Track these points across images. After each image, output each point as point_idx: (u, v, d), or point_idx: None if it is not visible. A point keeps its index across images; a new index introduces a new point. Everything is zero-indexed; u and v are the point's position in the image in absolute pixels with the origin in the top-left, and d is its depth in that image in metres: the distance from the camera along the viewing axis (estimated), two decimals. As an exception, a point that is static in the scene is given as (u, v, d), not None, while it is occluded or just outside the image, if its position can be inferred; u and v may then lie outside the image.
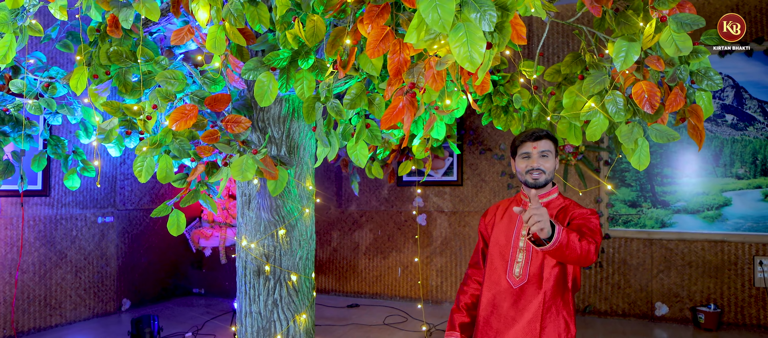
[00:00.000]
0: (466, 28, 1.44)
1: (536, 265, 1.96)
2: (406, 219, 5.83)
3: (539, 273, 1.96)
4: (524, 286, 1.96)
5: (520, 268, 1.98)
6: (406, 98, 1.76)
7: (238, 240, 2.93)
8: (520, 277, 1.98)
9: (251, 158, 2.16)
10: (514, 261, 2.00)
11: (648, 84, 2.13)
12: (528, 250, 1.99)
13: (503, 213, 2.13)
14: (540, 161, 2.05)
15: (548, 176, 2.07)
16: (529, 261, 1.98)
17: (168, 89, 2.21)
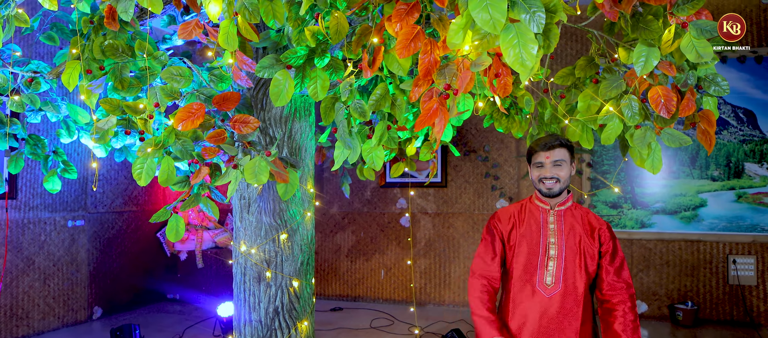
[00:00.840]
0: (516, 29, 1.40)
1: (570, 272, 1.95)
2: (389, 221, 5.78)
3: (573, 281, 1.94)
4: (558, 295, 1.94)
5: (551, 276, 1.95)
6: (439, 100, 1.70)
7: (235, 245, 2.80)
8: (552, 286, 1.95)
9: (264, 160, 2.05)
10: (544, 270, 1.97)
11: (664, 89, 2.14)
12: (559, 257, 1.97)
13: (522, 220, 2.07)
14: (553, 170, 2.03)
15: (563, 185, 2.04)
16: (560, 268, 1.95)
17: (173, 86, 2.08)
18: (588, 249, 1.97)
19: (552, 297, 1.94)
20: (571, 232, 2.00)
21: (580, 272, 1.95)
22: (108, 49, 2.21)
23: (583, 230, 2.01)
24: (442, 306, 5.57)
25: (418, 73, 1.83)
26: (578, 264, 1.96)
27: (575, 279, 1.94)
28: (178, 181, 2.29)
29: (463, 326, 4.80)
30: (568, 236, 1.98)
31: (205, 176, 2.20)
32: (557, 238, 1.98)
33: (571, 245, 1.97)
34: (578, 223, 2.03)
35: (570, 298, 1.94)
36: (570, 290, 1.94)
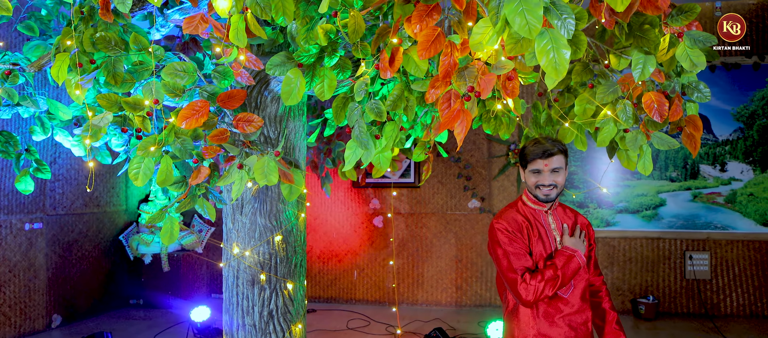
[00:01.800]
0: (550, 34, 1.43)
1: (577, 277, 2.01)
2: (362, 221, 5.77)
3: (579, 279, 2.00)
4: (571, 295, 1.98)
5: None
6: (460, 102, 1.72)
7: (225, 248, 2.72)
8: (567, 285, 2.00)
9: (273, 160, 2.00)
10: None
11: (657, 95, 2.24)
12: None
13: (528, 223, 2.05)
14: (551, 176, 2.02)
15: (559, 191, 2.06)
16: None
17: (176, 82, 1.99)
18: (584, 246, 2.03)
19: (569, 296, 1.99)
20: (570, 230, 2.06)
21: (584, 274, 2.03)
22: (99, 41, 2.09)
23: (576, 227, 2.08)
24: (416, 305, 5.61)
25: (435, 75, 1.84)
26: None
27: (581, 275, 2.01)
28: (175, 181, 2.20)
29: (438, 325, 4.85)
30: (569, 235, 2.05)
31: (205, 177, 2.12)
32: (561, 238, 2.03)
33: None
34: (569, 219, 2.10)
35: (581, 296, 2.00)
36: (579, 288, 2.00)
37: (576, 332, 1.98)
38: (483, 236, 5.52)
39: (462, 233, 5.57)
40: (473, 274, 5.54)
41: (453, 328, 4.71)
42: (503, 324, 2.17)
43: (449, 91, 1.81)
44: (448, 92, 1.81)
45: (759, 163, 5.01)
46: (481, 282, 5.52)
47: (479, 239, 5.52)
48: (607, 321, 2.09)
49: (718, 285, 5.04)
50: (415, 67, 1.83)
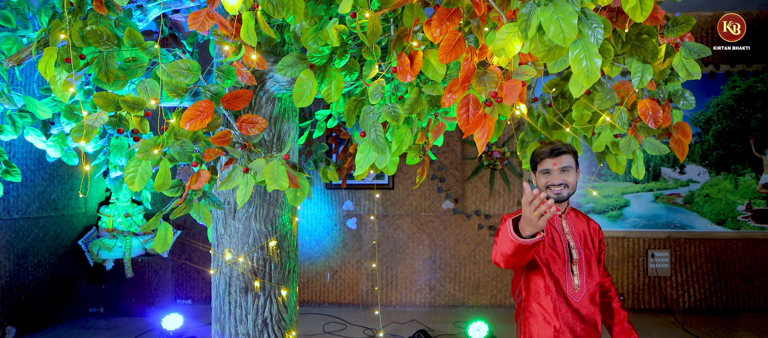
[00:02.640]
0: (582, 43, 1.45)
1: (590, 274, 2.05)
2: (335, 223, 5.70)
3: (593, 282, 2.05)
4: (584, 298, 2.02)
5: (578, 279, 2.03)
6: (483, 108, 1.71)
7: (216, 254, 2.61)
8: (579, 288, 2.03)
9: (282, 164, 1.93)
10: (570, 274, 2.04)
11: (651, 102, 2.32)
12: (581, 261, 2.05)
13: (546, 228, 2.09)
14: (561, 176, 2.07)
15: (570, 191, 2.10)
16: (583, 272, 2.04)
17: (179, 81, 1.89)
18: (594, 249, 2.10)
19: (580, 301, 2.02)
20: (582, 234, 2.10)
21: (595, 271, 2.07)
22: (90, 35, 1.95)
23: (588, 231, 2.13)
24: (390, 307, 5.60)
25: (452, 79, 1.83)
26: (593, 264, 2.08)
27: (593, 279, 2.06)
28: (172, 185, 2.09)
29: (414, 326, 4.86)
30: (581, 239, 2.08)
31: (206, 181, 2.02)
32: (575, 242, 2.07)
33: (588, 247, 2.08)
34: (582, 224, 2.14)
35: (592, 297, 2.04)
36: (591, 291, 2.04)
37: (587, 334, 2.02)
38: (456, 236, 5.58)
39: (436, 234, 5.61)
40: (447, 275, 5.59)
41: (430, 329, 4.72)
42: (516, 326, 2.20)
43: (467, 96, 1.80)
44: (466, 97, 1.80)
45: (714, 166, 5.32)
46: (454, 282, 5.58)
47: (453, 239, 5.58)
48: (618, 319, 2.14)
49: (678, 281, 5.31)
50: (433, 71, 1.81)
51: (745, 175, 5.30)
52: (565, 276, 2.03)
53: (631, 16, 1.67)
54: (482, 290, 5.55)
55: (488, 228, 5.55)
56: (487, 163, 5.49)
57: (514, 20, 1.74)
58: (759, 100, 5.29)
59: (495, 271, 5.54)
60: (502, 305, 5.52)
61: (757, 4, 5.17)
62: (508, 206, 5.54)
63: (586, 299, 2.03)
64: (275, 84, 2.47)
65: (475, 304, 5.55)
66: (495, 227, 5.54)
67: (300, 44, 2.25)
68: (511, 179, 5.54)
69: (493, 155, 5.46)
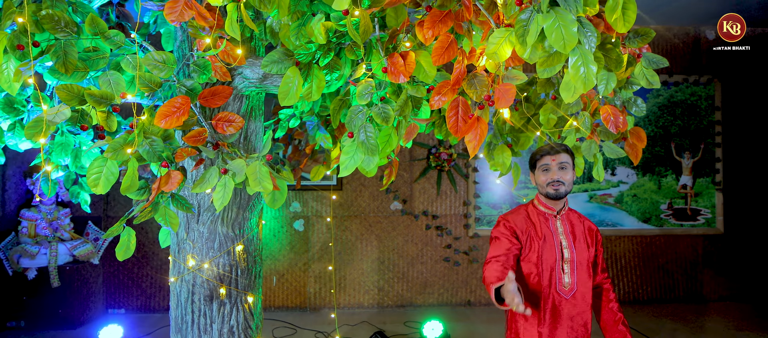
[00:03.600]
0: (581, 51, 1.50)
1: (582, 272, 2.13)
2: (282, 225, 5.55)
3: (585, 280, 2.13)
4: (574, 295, 2.10)
5: (568, 277, 2.11)
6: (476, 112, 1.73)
7: (177, 260, 2.45)
8: (569, 286, 2.11)
9: (265, 165, 1.84)
10: (561, 272, 2.12)
11: (613, 108, 2.45)
12: (572, 261, 2.13)
13: (536, 227, 2.16)
14: (559, 173, 2.17)
15: (568, 188, 2.20)
16: (574, 270, 2.12)
17: (152, 75, 1.74)
18: (590, 249, 2.18)
19: (570, 299, 2.09)
20: (577, 235, 2.18)
21: (589, 271, 2.16)
22: (45, 20, 1.76)
23: (584, 232, 2.21)
24: (339, 309, 5.54)
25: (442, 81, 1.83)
26: (587, 264, 2.16)
27: (586, 277, 2.14)
28: (138, 187, 1.93)
29: (366, 327, 4.85)
30: (575, 239, 2.16)
31: (179, 183, 1.89)
32: (568, 242, 2.14)
33: (581, 248, 2.16)
34: (579, 226, 2.22)
35: (584, 297, 2.12)
36: (582, 289, 2.13)
37: (576, 333, 2.10)
38: (404, 237, 5.62)
39: (384, 235, 5.62)
40: (395, 275, 5.62)
41: (383, 330, 4.72)
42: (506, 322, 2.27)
43: (457, 99, 1.82)
44: (455, 100, 1.82)
45: (641, 168, 5.75)
46: (402, 282, 5.62)
47: (401, 240, 5.61)
48: (614, 320, 2.20)
49: (609, 275, 5.68)
50: (424, 73, 1.81)
51: (667, 176, 5.77)
52: (555, 275, 2.10)
53: (615, 27, 1.75)
54: (429, 289, 5.64)
55: (436, 228, 5.64)
56: (435, 164, 5.58)
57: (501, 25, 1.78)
58: (678, 108, 5.78)
59: (442, 271, 5.65)
60: (449, 303, 5.63)
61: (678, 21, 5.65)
62: (454, 206, 5.66)
63: (577, 297, 2.11)
64: (244, 81, 2.36)
65: (423, 303, 5.62)
66: (442, 227, 5.64)
67: (277, 40, 2.16)
68: (457, 180, 5.66)
69: (441, 156, 5.56)
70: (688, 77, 5.78)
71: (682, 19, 5.56)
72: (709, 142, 5.78)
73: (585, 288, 2.15)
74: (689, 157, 5.77)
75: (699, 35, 5.81)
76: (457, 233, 5.66)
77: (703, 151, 5.78)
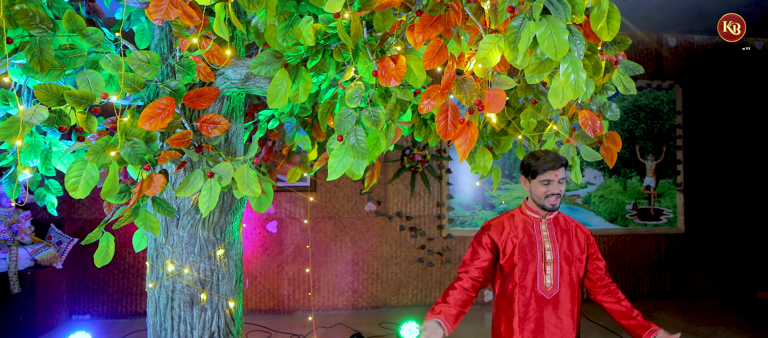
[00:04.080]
0: (571, 58, 1.54)
1: (565, 274, 2.17)
2: (254, 227, 5.47)
3: (569, 281, 2.17)
4: (557, 295, 2.15)
5: (550, 278, 2.15)
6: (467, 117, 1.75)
7: (155, 266, 2.37)
8: (552, 287, 2.16)
9: (253, 168, 1.81)
10: (543, 273, 2.17)
11: (590, 112, 2.52)
12: (555, 262, 2.18)
13: (517, 231, 2.22)
14: (559, 186, 2.22)
15: (561, 199, 2.28)
16: (557, 271, 2.17)
17: (136, 75, 1.69)
18: (577, 253, 2.23)
19: (552, 298, 2.14)
20: (563, 238, 2.24)
21: (572, 273, 2.20)
22: (19, 16, 1.69)
23: (571, 234, 2.26)
24: (312, 311, 5.49)
25: (431, 85, 1.84)
26: (570, 266, 2.21)
27: (570, 279, 2.19)
28: (118, 191, 1.87)
29: (342, 329, 4.83)
30: (560, 242, 2.22)
31: (162, 186, 1.84)
32: (551, 244, 2.19)
33: (564, 250, 2.21)
34: (567, 230, 2.27)
35: (566, 297, 2.17)
36: (565, 289, 2.17)
37: (563, 331, 2.15)
38: (378, 238, 5.63)
39: (358, 236, 5.61)
40: (369, 276, 5.61)
41: (359, 332, 4.71)
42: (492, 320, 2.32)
43: (446, 103, 1.83)
44: (444, 104, 1.83)
45: (607, 170, 5.93)
46: (377, 283, 5.62)
47: (375, 241, 5.62)
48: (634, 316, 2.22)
49: (578, 274, 5.84)
50: (414, 77, 1.81)
51: (632, 178, 5.97)
52: (536, 275, 2.15)
53: (600, 35, 1.80)
54: (403, 290, 5.66)
55: (410, 229, 5.67)
56: (409, 166, 5.61)
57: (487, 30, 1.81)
58: (642, 112, 5.99)
59: (416, 271, 5.68)
60: (423, 304, 5.67)
61: (641, 28, 5.86)
62: (428, 207, 5.70)
63: (560, 299, 2.16)
64: (225, 81, 2.31)
65: (397, 304, 5.64)
66: (416, 228, 5.67)
67: (261, 40, 2.13)
68: (431, 182, 5.71)
69: (415, 157, 5.59)
70: (651, 82, 6.00)
71: (645, 26, 5.77)
72: (671, 144, 6.02)
73: (568, 290, 2.19)
74: (652, 159, 5.99)
75: (661, 42, 6.04)
76: (430, 233, 5.70)
77: (665, 153, 6.01)
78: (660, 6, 5.18)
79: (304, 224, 5.51)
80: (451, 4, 1.78)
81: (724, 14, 5.41)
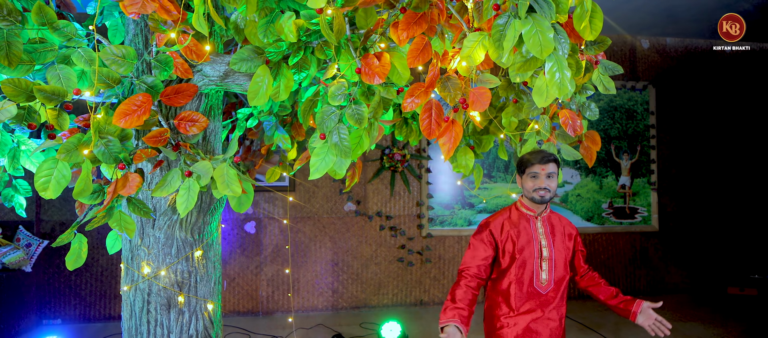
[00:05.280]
0: (556, 57, 1.54)
1: (560, 270, 2.23)
2: (231, 227, 5.38)
3: (562, 277, 2.23)
4: (551, 291, 2.19)
5: (546, 274, 2.20)
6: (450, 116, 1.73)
7: (130, 268, 2.30)
8: (547, 283, 2.20)
9: (233, 167, 1.77)
10: (539, 270, 2.21)
11: (570, 112, 2.54)
12: (550, 259, 2.22)
13: (516, 228, 2.27)
14: (547, 181, 2.27)
15: (552, 194, 2.30)
16: (552, 268, 2.21)
17: (111, 71, 1.63)
18: (568, 249, 2.29)
19: (547, 293, 2.19)
20: (557, 235, 2.28)
21: (566, 269, 2.27)
22: (-15, 9, 1.61)
23: (563, 233, 2.31)
24: (291, 312, 5.43)
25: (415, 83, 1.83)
26: (564, 262, 2.27)
27: (563, 275, 2.24)
28: (92, 191, 1.80)
29: (322, 330, 4.78)
30: (555, 239, 2.26)
31: (138, 186, 1.78)
32: (547, 241, 2.24)
33: (559, 247, 2.27)
34: (559, 227, 2.32)
35: (560, 292, 2.23)
36: (559, 286, 2.23)
37: (553, 324, 2.19)
38: (358, 238, 5.59)
39: (338, 236, 5.57)
40: (349, 276, 5.58)
41: (340, 333, 4.68)
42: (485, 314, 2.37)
43: (430, 101, 1.82)
44: (428, 102, 1.82)
45: (584, 169, 6.02)
46: (357, 283, 5.59)
47: (355, 241, 5.58)
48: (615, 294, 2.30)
49: (556, 272, 5.91)
50: (397, 75, 1.79)
51: (608, 177, 6.07)
52: (533, 271, 2.19)
53: (582, 34, 1.81)
54: (384, 290, 5.64)
55: (389, 229, 5.65)
56: (389, 165, 5.59)
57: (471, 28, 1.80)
58: (617, 112, 6.10)
59: (396, 271, 5.66)
60: (403, 303, 5.66)
61: (626, 30, 5.96)
62: (408, 207, 5.70)
63: (553, 293, 2.21)
64: (204, 78, 2.26)
65: (378, 304, 5.62)
66: (396, 227, 5.66)
67: (241, 36, 2.08)
68: (410, 181, 5.70)
69: (394, 157, 5.58)
70: (625, 83, 6.11)
71: (620, 28, 5.88)
72: (644, 144, 6.15)
73: (561, 285, 2.25)
74: (627, 158, 6.10)
75: (635, 44, 6.16)
76: (410, 233, 5.70)
77: (639, 152, 6.13)
78: (634, 8, 5.28)
79: (283, 224, 5.45)
80: (435, 2, 1.77)
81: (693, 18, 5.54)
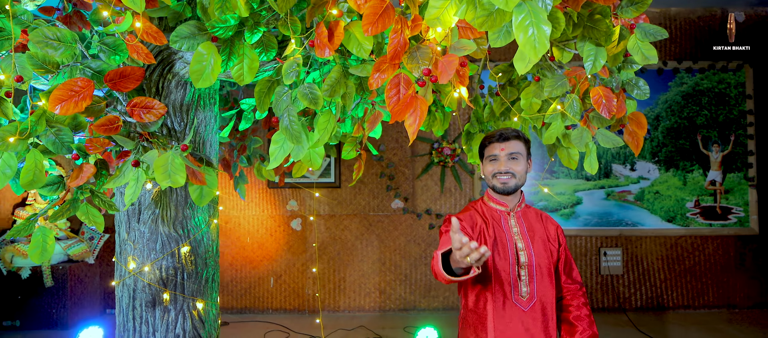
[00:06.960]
0: (529, 7, 1.21)
1: (542, 280, 1.82)
2: (279, 225, 5.36)
3: (546, 289, 1.82)
4: (534, 306, 1.79)
5: (526, 287, 1.80)
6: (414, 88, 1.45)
7: (119, 263, 2.25)
8: (528, 296, 1.81)
9: (179, 156, 1.61)
10: (517, 280, 1.81)
11: (605, 90, 2.13)
12: (530, 265, 1.82)
13: (487, 225, 1.87)
14: (509, 163, 1.88)
15: (519, 181, 1.90)
16: (533, 277, 1.81)
17: (46, 53, 1.54)
18: (551, 252, 1.88)
19: (528, 310, 1.79)
20: (535, 235, 1.88)
21: (550, 278, 1.85)
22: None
23: (543, 231, 1.91)
24: (338, 312, 5.31)
25: (382, 56, 1.56)
26: (547, 269, 1.85)
27: (547, 285, 1.83)
28: (47, 182, 1.73)
29: (362, 332, 4.60)
30: (533, 240, 1.86)
31: (90, 177, 1.68)
32: (524, 243, 1.84)
33: (539, 250, 1.86)
34: (538, 224, 1.92)
35: (545, 308, 1.81)
36: (543, 299, 1.81)
37: None
38: (406, 237, 5.35)
39: (385, 234, 5.36)
40: (397, 277, 5.35)
41: (379, 336, 4.47)
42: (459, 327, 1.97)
43: (398, 75, 1.55)
44: (396, 77, 1.55)
45: (664, 163, 5.30)
46: (405, 285, 5.34)
47: (403, 240, 5.34)
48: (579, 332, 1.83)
49: (629, 279, 5.26)
50: (357, 45, 1.54)
51: (693, 172, 5.30)
52: (510, 282, 1.79)
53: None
54: (434, 292, 5.34)
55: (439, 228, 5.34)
56: (438, 160, 5.28)
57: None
58: (705, 97, 5.30)
59: (447, 272, 5.34)
60: (455, 308, 5.32)
61: (703, 2, 5.18)
62: (460, 204, 5.35)
63: (537, 309, 1.80)
64: (185, 66, 2.14)
65: (427, 307, 5.33)
66: (447, 226, 5.34)
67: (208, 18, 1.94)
68: (462, 177, 5.35)
69: (444, 151, 5.26)
70: (715, 63, 5.29)
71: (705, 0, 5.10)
72: (740, 133, 5.29)
73: (546, 298, 1.83)
74: (718, 150, 5.29)
75: (726, 17, 5.31)
76: (463, 233, 5.34)
77: (733, 143, 5.28)
78: (722, -26, 4.53)
79: (328, 221, 5.34)
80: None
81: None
